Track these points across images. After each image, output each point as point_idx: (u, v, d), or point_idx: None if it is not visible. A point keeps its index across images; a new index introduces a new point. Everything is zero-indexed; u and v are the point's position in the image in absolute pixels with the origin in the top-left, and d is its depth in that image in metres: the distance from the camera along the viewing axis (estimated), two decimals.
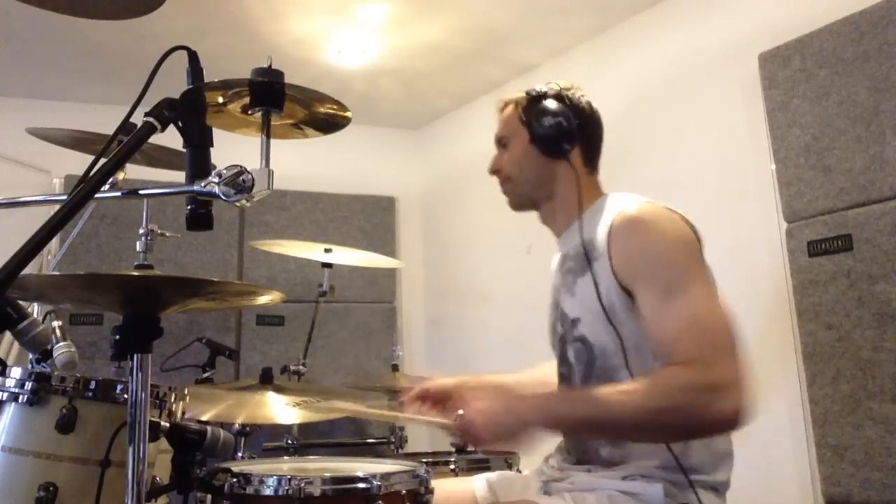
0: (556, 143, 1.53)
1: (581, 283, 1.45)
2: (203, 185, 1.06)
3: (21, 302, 1.38)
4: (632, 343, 1.38)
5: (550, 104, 1.54)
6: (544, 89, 1.57)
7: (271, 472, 1.37)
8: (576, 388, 1.48)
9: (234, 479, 1.31)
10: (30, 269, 0.88)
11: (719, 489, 1.41)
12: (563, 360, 1.53)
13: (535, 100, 1.57)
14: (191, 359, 2.83)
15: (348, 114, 1.19)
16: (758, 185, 2.28)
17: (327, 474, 1.33)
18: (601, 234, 1.43)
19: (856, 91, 1.97)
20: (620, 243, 1.39)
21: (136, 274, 1.38)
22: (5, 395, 1.34)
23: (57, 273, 1.71)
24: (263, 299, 1.40)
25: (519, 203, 1.63)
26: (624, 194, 1.52)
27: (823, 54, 2.05)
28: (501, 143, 1.64)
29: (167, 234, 2.07)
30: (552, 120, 1.52)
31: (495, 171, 1.64)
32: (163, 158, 2.11)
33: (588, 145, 1.59)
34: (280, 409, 2.04)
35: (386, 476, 1.32)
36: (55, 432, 1.30)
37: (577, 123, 1.54)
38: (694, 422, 1.23)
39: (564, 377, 1.54)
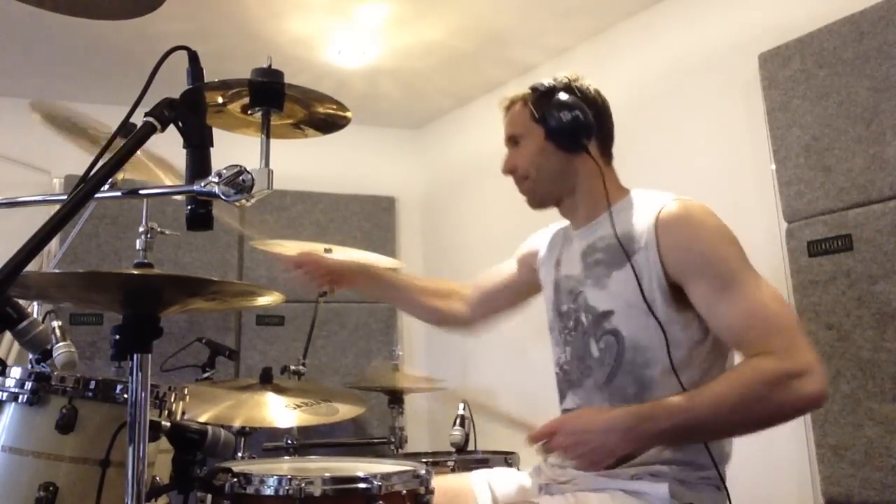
0: (574, 138, 1.50)
1: (617, 277, 1.44)
2: (203, 184, 1.06)
3: (21, 302, 1.38)
4: (673, 337, 1.38)
5: (563, 98, 1.51)
6: (552, 83, 1.54)
7: (272, 472, 1.37)
8: (604, 382, 1.46)
9: (235, 479, 1.31)
10: (30, 269, 0.88)
11: (720, 487, 1.41)
12: (584, 353, 1.50)
13: (544, 95, 1.54)
14: (191, 359, 2.83)
15: (348, 114, 1.19)
16: (758, 185, 2.28)
17: (328, 474, 1.33)
18: (643, 228, 1.42)
19: (856, 91, 1.97)
20: (672, 238, 1.39)
21: (136, 272, 1.39)
22: (5, 395, 1.34)
23: (58, 272, 1.71)
24: (264, 300, 1.40)
25: (540, 201, 1.60)
26: (652, 190, 1.51)
27: (823, 54, 2.05)
28: (513, 141, 1.60)
29: (167, 232, 2.07)
30: (569, 114, 1.49)
31: (510, 170, 1.60)
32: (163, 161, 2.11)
33: (603, 135, 1.57)
34: (279, 411, 2.04)
35: (386, 476, 1.32)
36: (55, 432, 1.31)
37: (593, 114, 1.52)
38: (787, 408, 1.26)
39: (577, 367, 1.51)
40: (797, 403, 1.26)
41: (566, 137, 1.51)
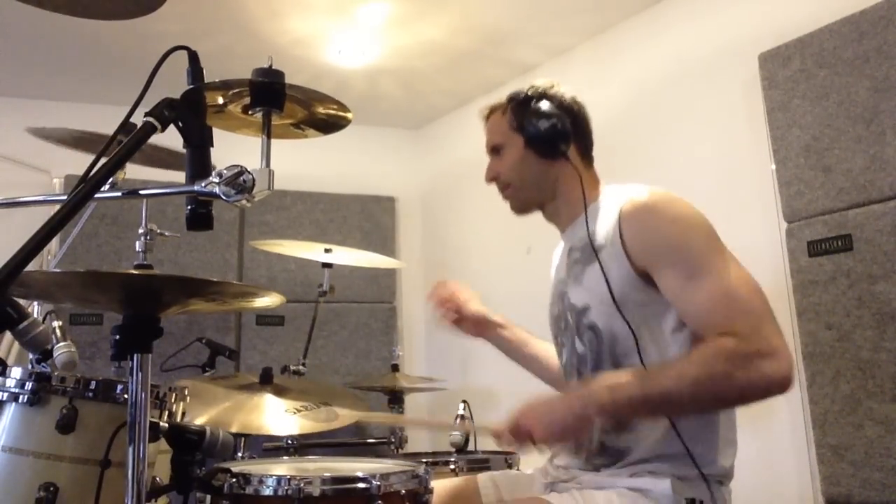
0: (553, 145, 1.54)
1: (589, 273, 1.47)
2: (203, 185, 1.06)
3: (21, 302, 1.38)
4: (643, 329, 1.40)
5: (540, 106, 1.55)
6: (527, 92, 1.58)
7: (271, 472, 1.37)
8: (591, 376, 1.47)
9: (234, 480, 1.31)
10: (30, 269, 0.88)
11: (724, 481, 1.42)
12: (573, 351, 1.53)
13: (521, 104, 1.58)
14: (191, 359, 2.83)
15: (349, 114, 1.19)
16: (758, 185, 2.28)
17: (327, 474, 1.33)
18: (608, 223, 1.45)
19: (856, 91, 1.97)
20: (635, 229, 1.40)
21: (136, 273, 1.39)
22: (5, 395, 1.34)
23: (58, 271, 1.71)
24: (264, 301, 1.40)
25: (522, 207, 1.64)
26: (622, 185, 1.53)
27: (823, 54, 2.05)
28: (495, 150, 1.64)
29: (167, 234, 2.07)
30: (546, 122, 1.53)
31: (492, 178, 1.64)
32: (163, 158, 2.11)
33: (582, 140, 1.60)
34: (276, 417, 2.02)
35: (385, 476, 1.32)
36: (55, 432, 1.31)
37: (570, 121, 1.55)
38: (747, 388, 1.25)
39: (574, 366, 1.54)
40: (760, 383, 1.24)
41: (545, 145, 1.54)
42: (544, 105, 1.55)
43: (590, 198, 1.54)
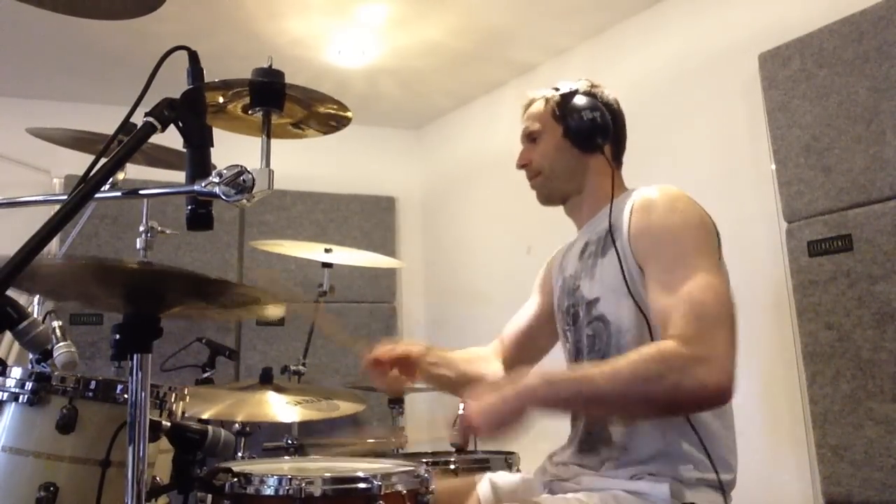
0: (591, 138, 1.57)
1: (602, 264, 1.48)
2: (203, 185, 1.06)
3: (21, 301, 1.38)
4: (643, 320, 1.40)
5: (584, 100, 1.58)
6: (575, 86, 1.61)
7: (272, 471, 1.37)
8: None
9: (235, 479, 1.31)
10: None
11: (725, 489, 1.41)
12: (581, 344, 1.54)
13: (567, 95, 1.61)
14: (191, 359, 2.83)
15: (348, 114, 1.19)
16: (758, 185, 2.28)
17: (328, 474, 1.33)
18: (623, 217, 1.47)
19: (856, 91, 1.97)
20: (637, 221, 1.43)
21: (137, 265, 1.38)
22: (5, 395, 1.34)
23: (61, 260, 1.70)
24: (266, 309, 1.39)
25: (548, 196, 1.66)
26: (648, 186, 1.54)
27: (823, 54, 2.05)
28: (531, 137, 1.65)
29: (167, 231, 2.07)
30: (589, 115, 1.56)
31: (524, 164, 1.65)
32: (163, 158, 2.11)
33: (617, 141, 1.63)
34: (280, 407, 2.04)
35: (386, 476, 1.32)
36: (55, 432, 1.31)
37: (611, 119, 1.58)
38: (677, 392, 1.23)
39: (581, 357, 1.54)
40: (692, 389, 1.22)
41: (584, 136, 1.57)
42: (589, 99, 1.58)
43: (616, 195, 1.56)
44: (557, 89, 1.63)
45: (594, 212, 1.60)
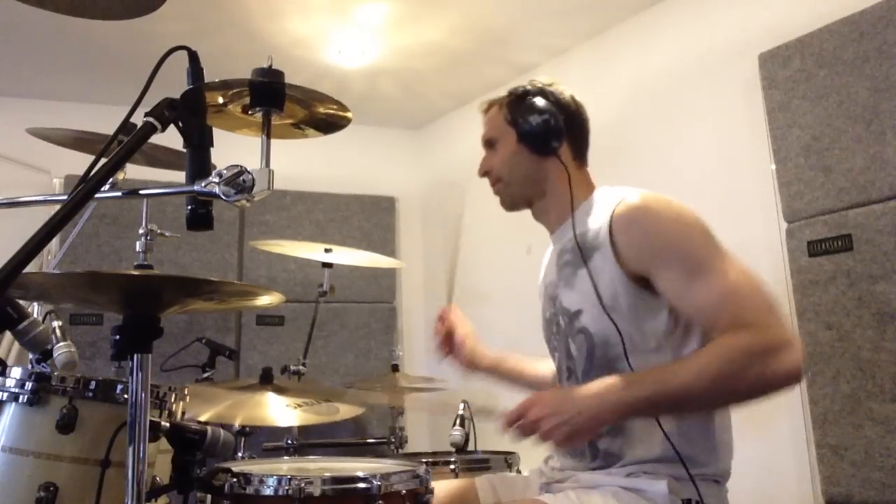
0: (544, 141, 1.54)
1: (581, 275, 1.46)
2: (203, 185, 1.06)
3: (21, 302, 1.38)
4: (635, 332, 1.39)
5: (535, 102, 1.55)
6: (527, 88, 1.58)
7: (271, 472, 1.37)
8: (584, 380, 1.46)
9: (235, 479, 1.31)
10: (30, 269, 0.88)
11: (720, 480, 1.41)
12: (566, 354, 1.53)
13: (518, 99, 1.58)
14: (191, 359, 2.83)
15: (348, 114, 1.19)
16: (758, 185, 2.28)
17: (327, 474, 1.33)
18: (598, 226, 1.44)
19: (856, 91, 1.97)
20: (628, 233, 1.40)
21: (136, 273, 1.38)
22: (5, 395, 1.34)
23: (58, 272, 1.71)
24: (263, 300, 1.40)
25: (512, 203, 1.64)
26: (615, 187, 1.52)
27: (823, 54, 2.05)
28: (489, 144, 1.64)
29: (167, 234, 2.07)
30: (539, 118, 1.53)
31: (485, 172, 1.64)
32: (163, 158, 2.11)
33: (576, 140, 1.59)
34: (279, 410, 2.04)
35: (386, 476, 1.32)
36: (55, 432, 1.31)
37: (564, 119, 1.55)
38: (760, 383, 1.25)
39: (569, 370, 1.53)
40: (776, 376, 1.24)
41: (537, 141, 1.55)
42: (540, 101, 1.55)
43: (579, 199, 1.54)
44: (511, 93, 1.60)
45: (562, 218, 1.57)
